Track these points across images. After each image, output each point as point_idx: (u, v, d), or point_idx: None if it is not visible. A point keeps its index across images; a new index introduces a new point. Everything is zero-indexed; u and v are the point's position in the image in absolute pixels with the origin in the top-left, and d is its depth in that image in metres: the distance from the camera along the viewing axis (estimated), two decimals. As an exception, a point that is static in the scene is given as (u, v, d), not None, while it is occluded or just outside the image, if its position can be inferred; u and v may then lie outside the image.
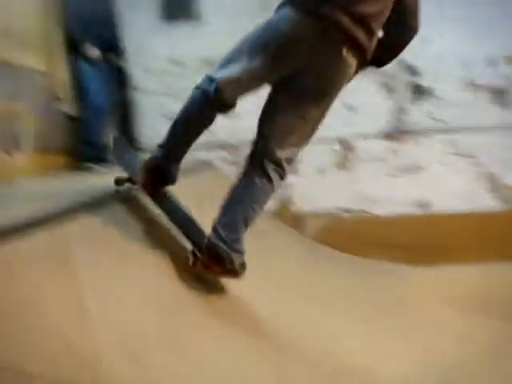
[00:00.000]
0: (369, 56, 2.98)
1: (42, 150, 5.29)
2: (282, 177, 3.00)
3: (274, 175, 2.94)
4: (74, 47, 5.91)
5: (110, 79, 6.08)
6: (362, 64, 3.00)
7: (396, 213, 6.43)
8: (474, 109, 6.38)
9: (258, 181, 2.90)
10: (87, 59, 5.83)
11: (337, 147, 6.65)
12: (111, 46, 6.01)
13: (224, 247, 2.84)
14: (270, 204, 6.34)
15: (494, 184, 6.30)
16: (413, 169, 6.50)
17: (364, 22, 2.81)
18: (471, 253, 5.57)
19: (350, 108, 6.61)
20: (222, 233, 2.86)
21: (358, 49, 2.85)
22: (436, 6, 6.32)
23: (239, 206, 2.91)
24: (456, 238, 5.89)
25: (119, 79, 6.33)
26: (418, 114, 6.54)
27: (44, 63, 5.54)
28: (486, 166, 6.32)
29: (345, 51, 2.80)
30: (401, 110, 6.55)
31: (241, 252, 2.93)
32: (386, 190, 6.46)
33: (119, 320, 2.27)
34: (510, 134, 6.29)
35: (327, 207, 6.58)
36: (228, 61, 2.97)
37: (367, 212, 6.53)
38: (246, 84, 2.97)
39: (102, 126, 5.98)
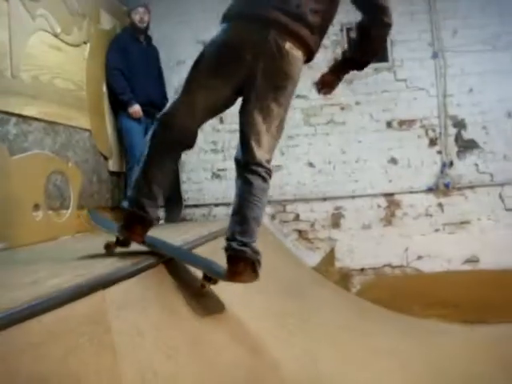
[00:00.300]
0: (315, 47, 3.07)
1: (88, 207, 5.39)
2: (270, 175, 3.09)
3: (265, 175, 3.04)
4: (119, 105, 6.09)
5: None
6: (310, 56, 3.09)
7: (443, 269, 6.33)
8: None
9: (256, 183, 3.00)
10: (132, 117, 5.99)
11: (382, 202, 6.60)
12: (157, 105, 6.13)
13: (250, 252, 2.94)
14: (316, 259, 6.43)
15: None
16: (460, 224, 6.40)
17: (301, 18, 2.92)
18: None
19: (396, 162, 6.60)
20: (243, 239, 2.95)
21: (299, 41, 2.95)
22: (480, 59, 6.34)
23: (248, 210, 2.99)
24: (505, 295, 5.71)
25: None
26: (465, 167, 6.47)
27: (90, 122, 5.68)
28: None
29: (287, 45, 2.91)
30: (447, 164, 6.49)
31: (260, 254, 3.02)
32: (432, 245, 6.38)
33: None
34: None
35: (372, 263, 6.52)
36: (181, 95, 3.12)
37: (413, 268, 6.44)
38: (195, 106, 3.07)
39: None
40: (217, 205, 6.83)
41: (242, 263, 2.92)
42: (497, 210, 6.37)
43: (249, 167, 3.01)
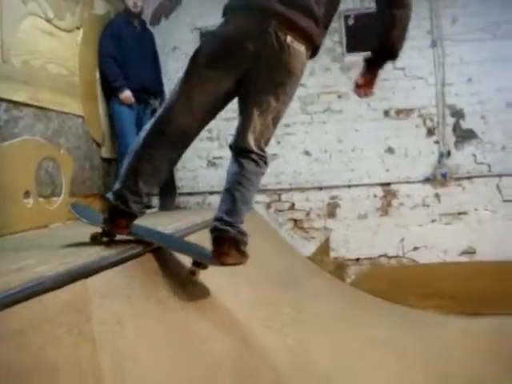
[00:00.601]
0: (318, 40, 3.00)
1: (80, 194, 5.38)
2: (264, 161, 3.07)
3: (258, 160, 3.02)
4: (111, 91, 6.00)
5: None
6: (314, 50, 3.04)
7: (439, 260, 6.28)
8: (519, 152, 6.25)
9: (248, 167, 2.99)
10: (124, 103, 5.91)
11: (379, 192, 6.55)
12: (151, 90, 6.07)
13: (234, 231, 2.90)
14: (311, 249, 6.39)
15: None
16: (457, 214, 6.35)
17: (307, 9, 2.86)
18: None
19: (393, 152, 6.54)
20: (228, 219, 2.92)
21: (302, 34, 2.89)
22: (479, 48, 6.27)
23: (237, 192, 2.97)
24: (502, 286, 5.67)
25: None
26: (463, 157, 6.41)
27: (82, 108, 5.62)
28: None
29: (289, 39, 2.84)
30: (444, 154, 6.43)
31: (247, 234, 2.98)
32: (429, 236, 6.33)
33: (132, 377, 2.21)
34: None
35: (368, 253, 6.47)
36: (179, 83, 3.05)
37: (409, 259, 6.39)
38: (193, 100, 2.99)
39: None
40: (211, 193, 6.77)
41: (227, 243, 2.88)
42: (494, 200, 6.30)
43: (242, 153, 2.99)
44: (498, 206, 6.29)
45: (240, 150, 3.00)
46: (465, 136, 6.42)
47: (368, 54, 3.27)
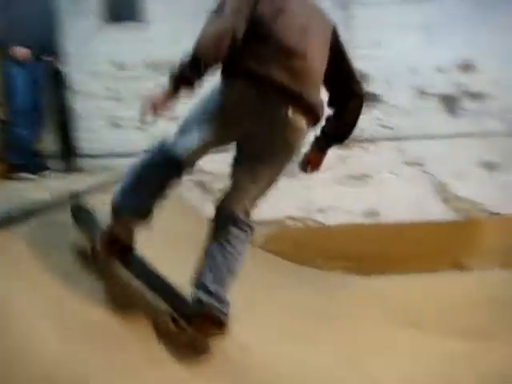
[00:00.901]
0: (320, 111, 2.95)
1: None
2: (251, 228, 3.04)
3: (245, 228, 2.99)
4: (1, 48, 5.54)
5: (42, 81, 5.78)
6: (316, 120, 2.97)
7: (344, 222, 6.33)
8: (423, 117, 6.34)
9: (235, 233, 2.93)
10: (15, 60, 5.47)
11: (285, 154, 6.50)
12: (45, 48, 5.72)
13: (216, 305, 2.76)
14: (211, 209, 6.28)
15: (442, 193, 6.27)
16: (361, 177, 6.41)
17: (307, 76, 2.80)
18: (420, 262, 5.52)
19: (299, 114, 6.50)
20: (215, 290, 2.79)
21: (304, 107, 2.82)
22: (387, 12, 6.28)
23: (223, 260, 2.87)
24: (405, 247, 5.82)
25: (55, 81, 6.06)
26: (367, 121, 6.44)
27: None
28: (435, 175, 6.29)
29: (290, 113, 2.76)
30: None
31: (228, 303, 2.85)
32: (334, 198, 6.36)
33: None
34: (460, 143, 6.26)
35: (274, 215, 6.42)
36: (182, 132, 2.90)
37: (315, 221, 6.41)
38: (202, 151, 2.92)
39: (31, 130, 5.65)
40: (114, 155, 6.53)
41: (211, 321, 2.74)
42: (397, 164, 6.40)
43: (228, 220, 2.93)
44: (401, 168, 6.39)
45: (227, 216, 2.94)
46: (369, 99, 6.45)
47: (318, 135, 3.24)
